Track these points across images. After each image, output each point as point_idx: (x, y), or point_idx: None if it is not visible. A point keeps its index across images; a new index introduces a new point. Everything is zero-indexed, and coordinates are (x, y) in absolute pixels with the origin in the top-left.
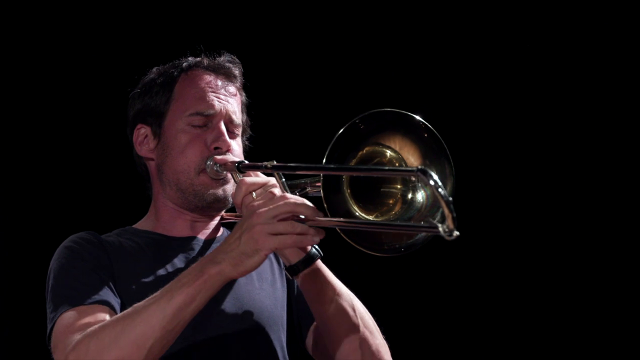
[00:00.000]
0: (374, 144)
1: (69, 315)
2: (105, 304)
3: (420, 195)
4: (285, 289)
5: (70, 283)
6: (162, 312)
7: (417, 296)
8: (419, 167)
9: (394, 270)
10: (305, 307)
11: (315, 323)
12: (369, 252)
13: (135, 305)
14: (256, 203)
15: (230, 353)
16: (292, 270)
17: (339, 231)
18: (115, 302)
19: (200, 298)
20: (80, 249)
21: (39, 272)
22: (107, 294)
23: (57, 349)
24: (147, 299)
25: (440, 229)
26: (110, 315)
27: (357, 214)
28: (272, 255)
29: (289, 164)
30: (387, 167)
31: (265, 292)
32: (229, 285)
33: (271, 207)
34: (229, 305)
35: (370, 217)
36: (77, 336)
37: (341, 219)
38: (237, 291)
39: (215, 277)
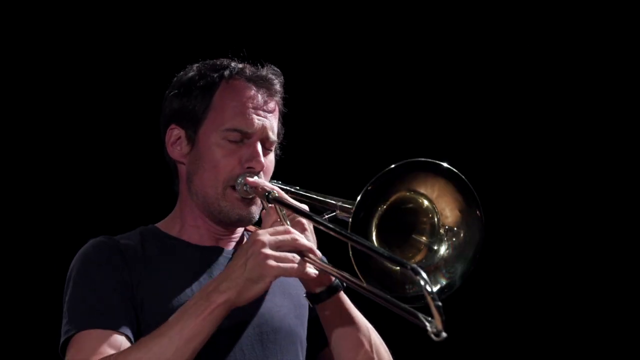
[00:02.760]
0: (407, 190)
1: (85, 336)
2: (122, 333)
3: (443, 249)
4: (307, 308)
5: (90, 299)
6: (174, 344)
7: None
8: (412, 265)
9: None
10: (318, 330)
11: (325, 349)
12: None
13: (147, 336)
14: (261, 231)
15: None
16: (314, 298)
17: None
18: (131, 330)
19: (209, 328)
20: (101, 260)
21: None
22: (125, 320)
23: None
24: (159, 327)
25: (428, 327)
26: (125, 345)
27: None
28: None
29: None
30: (385, 254)
31: (286, 309)
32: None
33: (279, 237)
34: (248, 320)
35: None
36: None
37: (335, 270)
38: (257, 308)
39: (221, 307)
